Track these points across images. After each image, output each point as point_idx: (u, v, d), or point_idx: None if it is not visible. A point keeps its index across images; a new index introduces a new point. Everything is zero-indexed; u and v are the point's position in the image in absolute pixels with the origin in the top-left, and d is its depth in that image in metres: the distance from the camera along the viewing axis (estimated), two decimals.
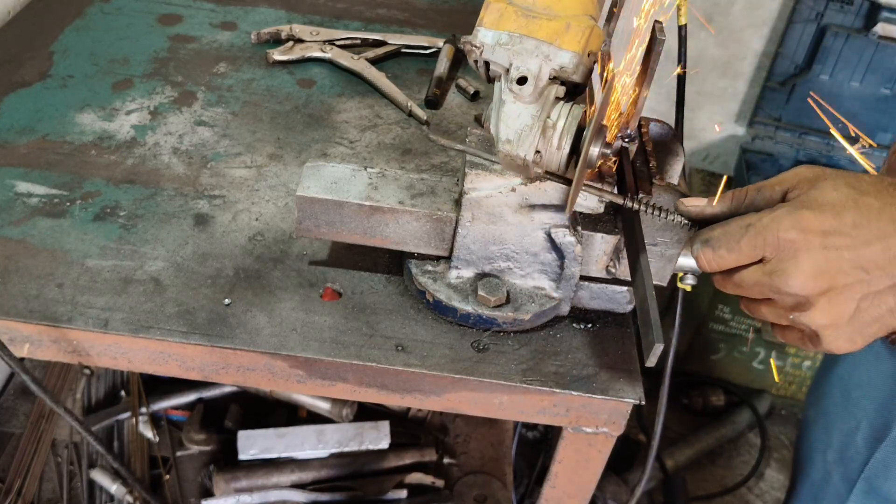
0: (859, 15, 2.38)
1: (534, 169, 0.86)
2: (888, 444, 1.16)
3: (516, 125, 0.85)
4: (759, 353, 2.65)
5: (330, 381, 0.98)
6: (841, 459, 1.25)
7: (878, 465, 1.17)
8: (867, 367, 1.21)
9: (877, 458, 1.17)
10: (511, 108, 0.85)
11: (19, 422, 1.65)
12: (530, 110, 0.84)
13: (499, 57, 0.85)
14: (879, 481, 1.18)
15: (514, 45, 0.84)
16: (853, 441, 1.22)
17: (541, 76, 0.83)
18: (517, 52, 0.84)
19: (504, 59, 0.84)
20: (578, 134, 0.85)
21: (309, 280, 1.04)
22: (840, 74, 2.45)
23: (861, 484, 1.20)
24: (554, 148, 0.85)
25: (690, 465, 2.56)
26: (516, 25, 0.84)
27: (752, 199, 0.80)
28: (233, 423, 1.68)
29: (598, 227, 0.95)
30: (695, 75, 2.65)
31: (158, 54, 1.43)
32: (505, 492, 1.67)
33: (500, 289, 0.98)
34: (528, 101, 0.84)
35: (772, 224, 0.75)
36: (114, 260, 1.03)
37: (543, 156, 0.85)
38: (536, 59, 0.83)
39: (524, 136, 0.85)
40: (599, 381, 0.96)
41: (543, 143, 0.85)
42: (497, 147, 0.87)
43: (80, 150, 1.20)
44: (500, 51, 0.84)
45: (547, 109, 0.84)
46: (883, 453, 1.16)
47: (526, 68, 0.83)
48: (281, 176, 1.20)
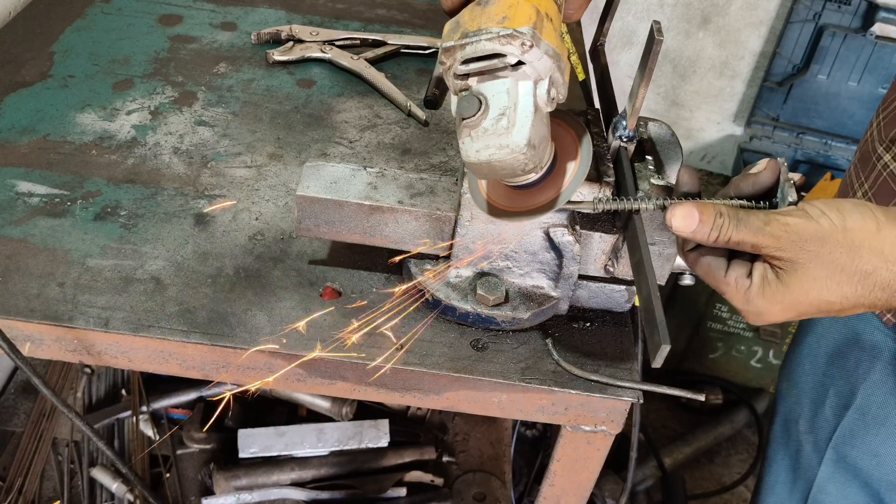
0: (857, 15, 2.38)
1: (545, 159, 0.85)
2: (854, 412, 1.17)
3: (539, 127, 0.81)
4: (757, 351, 2.65)
5: (330, 379, 0.99)
6: (811, 429, 1.26)
7: (845, 433, 1.19)
8: (834, 337, 1.22)
9: (843, 427, 1.19)
10: (533, 111, 0.80)
11: (20, 420, 1.66)
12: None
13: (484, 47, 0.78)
14: (846, 449, 1.19)
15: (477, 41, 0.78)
16: (822, 410, 1.23)
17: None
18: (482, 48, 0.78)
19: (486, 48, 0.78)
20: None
21: (309, 279, 1.05)
22: (837, 74, 2.46)
23: (830, 453, 1.21)
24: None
25: (689, 463, 2.57)
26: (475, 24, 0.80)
27: (733, 244, 0.80)
28: (233, 421, 1.69)
29: (597, 227, 0.96)
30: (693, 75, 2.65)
31: (159, 54, 1.44)
32: (504, 490, 1.68)
33: (498, 288, 0.98)
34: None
35: (751, 305, 0.79)
36: (114, 259, 1.04)
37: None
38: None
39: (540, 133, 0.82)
40: (598, 379, 0.97)
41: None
42: (515, 157, 0.80)
43: (81, 150, 1.20)
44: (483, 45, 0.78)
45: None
46: (849, 421, 1.18)
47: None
48: (281, 176, 1.20)
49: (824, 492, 1.25)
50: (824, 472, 1.23)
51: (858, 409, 1.17)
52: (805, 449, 1.28)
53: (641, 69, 0.84)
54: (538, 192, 0.88)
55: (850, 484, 1.21)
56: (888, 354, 1.12)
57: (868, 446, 1.17)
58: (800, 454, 1.30)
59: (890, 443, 1.14)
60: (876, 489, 1.17)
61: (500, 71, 0.79)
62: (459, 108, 0.80)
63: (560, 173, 0.88)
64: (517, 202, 0.89)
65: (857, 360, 1.17)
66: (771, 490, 1.39)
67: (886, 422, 1.13)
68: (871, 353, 1.14)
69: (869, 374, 1.15)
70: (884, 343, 1.13)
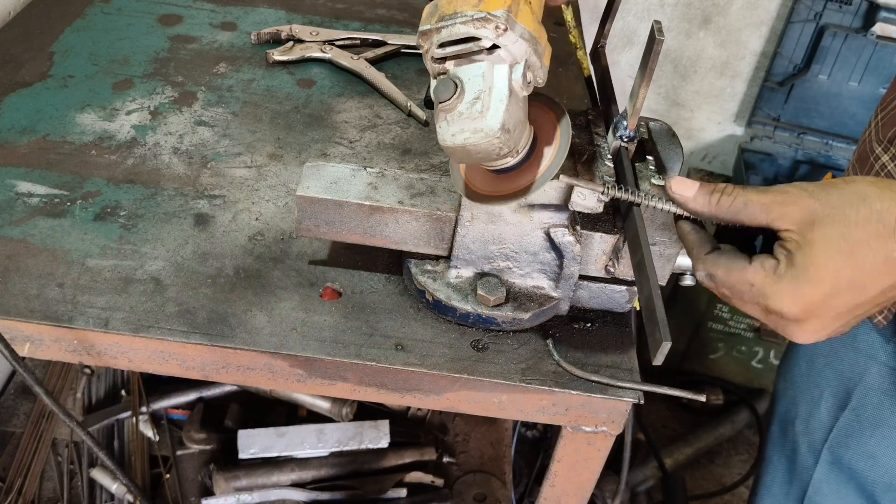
0: (858, 15, 2.38)
1: (521, 144, 0.85)
2: (849, 413, 1.17)
3: (515, 111, 0.81)
4: (758, 352, 2.65)
5: (330, 380, 0.99)
6: (806, 430, 1.26)
7: (841, 434, 1.19)
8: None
9: (839, 428, 1.19)
10: (508, 94, 0.80)
11: (20, 421, 1.65)
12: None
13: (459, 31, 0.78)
14: (842, 450, 1.19)
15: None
16: (817, 411, 1.23)
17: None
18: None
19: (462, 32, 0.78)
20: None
21: (309, 279, 1.04)
22: (838, 74, 2.46)
23: (825, 454, 1.21)
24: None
25: (689, 463, 2.57)
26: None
27: (736, 210, 0.79)
28: (233, 422, 1.69)
29: (597, 227, 0.95)
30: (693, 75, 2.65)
31: (158, 54, 1.43)
32: (504, 491, 1.68)
33: (499, 288, 0.98)
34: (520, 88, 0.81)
35: (774, 297, 0.76)
36: (114, 259, 1.03)
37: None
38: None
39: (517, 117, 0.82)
40: (598, 380, 0.97)
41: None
42: (489, 141, 0.80)
43: (81, 150, 1.20)
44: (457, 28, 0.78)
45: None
46: (844, 422, 1.18)
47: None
48: (281, 176, 1.20)
49: (820, 493, 1.25)
50: (820, 474, 1.23)
51: (853, 410, 1.17)
52: (801, 450, 1.28)
53: (642, 69, 0.84)
54: (517, 176, 0.88)
55: (845, 485, 1.21)
56: (883, 356, 1.12)
57: (863, 448, 1.16)
58: (796, 455, 1.30)
59: (885, 444, 1.13)
60: (871, 491, 1.17)
61: (476, 55, 0.79)
62: (435, 91, 0.80)
63: (539, 157, 0.88)
64: (497, 186, 0.89)
65: (852, 362, 1.17)
66: (768, 491, 1.39)
67: (881, 423, 1.13)
68: (866, 354, 1.14)
69: (864, 375, 1.15)
70: (878, 344, 1.12)
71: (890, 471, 1.14)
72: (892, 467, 1.13)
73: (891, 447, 1.13)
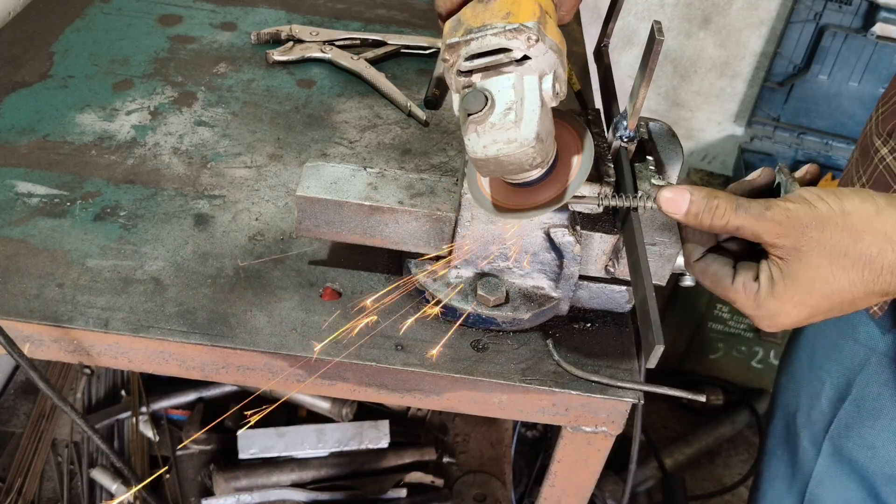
0: (858, 15, 2.38)
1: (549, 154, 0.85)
2: (849, 405, 1.17)
3: (545, 121, 0.81)
4: (758, 352, 2.65)
5: (330, 380, 0.99)
6: (808, 422, 1.26)
7: (841, 425, 1.19)
8: (830, 329, 1.23)
9: (839, 419, 1.19)
10: (540, 105, 0.80)
11: (20, 421, 1.65)
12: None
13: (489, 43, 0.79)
14: (843, 442, 1.19)
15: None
16: (818, 403, 1.23)
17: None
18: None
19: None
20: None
21: (309, 280, 1.04)
22: (838, 74, 2.46)
23: (826, 446, 1.21)
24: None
25: (689, 464, 2.57)
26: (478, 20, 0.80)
27: (729, 231, 0.80)
28: (233, 422, 1.69)
29: (597, 227, 0.95)
30: (693, 75, 2.65)
31: (158, 55, 1.43)
32: (504, 491, 1.68)
33: (499, 288, 0.98)
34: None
35: (755, 319, 0.81)
36: (114, 260, 1.03)
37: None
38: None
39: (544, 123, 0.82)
40: (598, 380, 0.97)
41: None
42: (524, 151, 0.80)
43: (81, 151, 1.20)
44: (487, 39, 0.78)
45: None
46: (845, 414, 1.18)
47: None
48: (281, 176, 1.20)
49: (821, 485, 1.25)
50: (821, 466, 1.24)
51: (854, 401, 1.17)
52: (802, 442, 1.28)
53: (642, 69, 0.84)
54: (540, 190, 0.88)
55: (846, 477, 1.21)
56: (882, 346, 1.12)
57: (864, 439, 1.17)
58: (797, 448, 1.30)
59: (885, 435, 1.14)
60: (872, 482, 1.17)
61: (505, 66, 0.79)
62: (465, 104, 0.80)
63: (562, 170, 0.88)
64: (518, 201, 0.89)
65: (852, 353, 1.17)
66: (770, 484, 1.39)
67: (881, 414, 1.13)
68: (866, 345, 1.15)
69: (864, 366, 1.15)
70: (878, 336, 1.13)
71: (890, 461, 1.14)
72: (892, 458, 1.13)
73: (891, 438, 1.13)
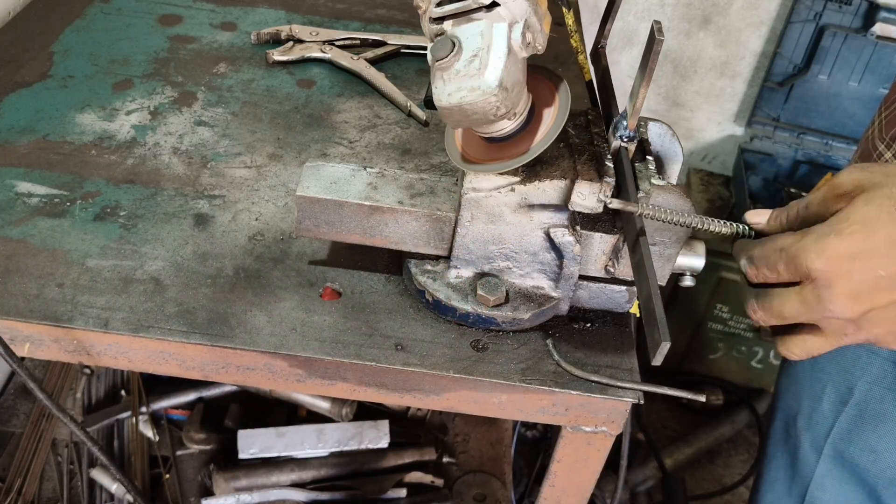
0: (857, 15, 2.38)
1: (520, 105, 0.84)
2: (851, 408, 1.17)
3: (513, 70, 0.80)
4: (758, 352, 2.65)
5: (330, 380, 0.99)
6: (809, 425, 1.26)
7: (843, 429, 1.19)
8: None
9: (841, 423, 1.18)
10: (506, 53, 0.79)
11: (20, 421, 1.65)
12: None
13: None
14: (844, 446, 1.19)
15: None
16: (819, 406, 1.23)
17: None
18: None
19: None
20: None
21: (309, 280, 1.04)
22: (838, 74, 2.46)
23: (828, 449, 1.21)
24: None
25: (689, 464, 2.57)
26: None
27: (802, 218, 0.79)
28: (233, 422, 1.69)
29: (597, 227, 0.95)
30: (693, 75, 2.65)
31: (158, 55, 1.43)
32: (504, 491, 1.68)
33: (499, 288, 0.98)
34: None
35: (800, 254, 0.74)
36: (114, 260, 1.03)
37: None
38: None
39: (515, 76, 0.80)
40: (598, 380, 0.97)
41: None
42: (486, 99, 0.79)
43: (81, 151, 1.20)
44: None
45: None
46: (847, 417, 1.17)
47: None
48: (281, 176, 1.20)
49: (822, 489, 1.25)
50: (822, 469, 1.23)
51: (856, 405, 1.16)
52: (803, 446, 1.28)
53: (642, 69, 0.84)
54: (513, 145, 0.87)
55: (847, 481, 1.21)
56: (885, 350, 1.12)
57: (866, 443, 1.16)
58: (798, 451, 1.30)
59: (888, 439, 1.13)
60: (873, 486, 1.17)
61: (475, 13, 0.79)
62: (433, 50, 0.80)
63: (536, 125, 0.87)
64: (492, 156, 0.89)
65: (854, 356, 1.17)
66: (770, 487, 1.39)
67: (884, 418, 1.13)
68: (869, 348, 1.14)
69: (867, 369, 1.15)
70: None
71: (892, 466, 1.14)
72: (894, 462, 1.13)
73: (893, 442, 1.13)
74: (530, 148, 0.87)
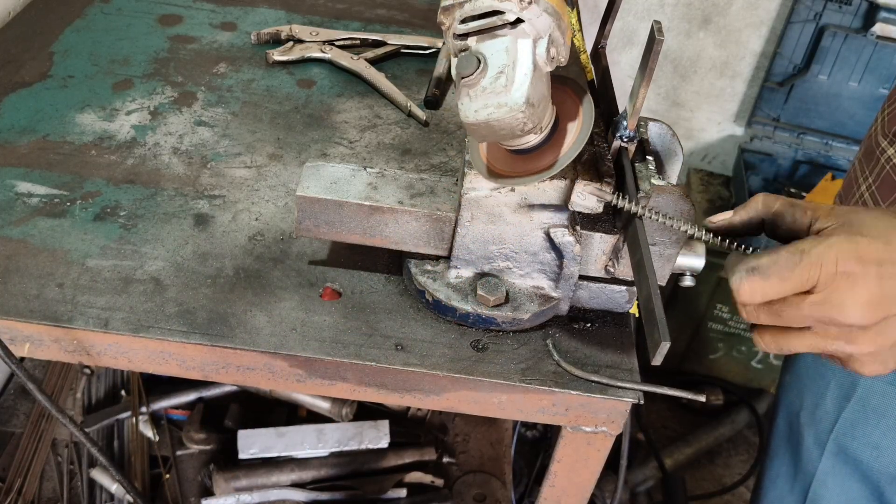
0: (857, 15, 2.38)
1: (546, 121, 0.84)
2: (855, 403, 1.16)
3: (538, 86, 0.80)
4: (758, 352, 2.65)
5: (330, 380, 0.99)
6: (812, 421, 1.26)
7: (846, 424, 1.18)
8: None
9: (844, 418, 1.18)
10: (532, 69, 0.79)
11: (20, 421, 1.65)
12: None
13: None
14: (847, 441, 1.19)
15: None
16: (822, 402, 1.23)
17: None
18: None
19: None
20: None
21: (309, 280, 1.04)
22: (838, 74, 2.46)
23: (831, 445, 1.21)
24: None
25: (689, 464, 2.57)
26: None
27: (781, 210, 0.79)
28: (233, 422, 1.69)
29: (597, 227, 0.95)
30: (693, 75, 2.65)
31: (158, 55, 1.43)
32: (504, 491, 1.68)
33: (499, 288, 0.98)
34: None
35: (828, 252, 0.71)
36: (114, 260, 1.03)
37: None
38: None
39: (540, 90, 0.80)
40: (598, 380, 0.97)
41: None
42: (513, 116, 0.79)
43: (81, 151, 1.20)
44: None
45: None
46: (850, 412, 1.17)
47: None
48: (281, 176, 1.20)
49: (825, 485, 1.25)
50: (825, 465, 1.23)
51: (859, 400, 1.16)
52: (806, 442, 1.28)
53: (642, 69, 0.84)
54: (539, 157, 0.87)
55: (850, 477, 1.21)
56: None
57: (869, 438, 1.16)
58: (801, 447, 1.30)
59: (891, 435, 1.13)
60: (876, 481, 1.17)
61: (499, 29, 0.79)
62: (458, 67, 0.79)
63: (561, 137, 0.88)
64: (517, 168, 0.89)
65: None
66: (773, 484, 1.39)
67: (887, 413, 1.13)
68: None
69: None
70: None
71: (895, 461, 1.14)
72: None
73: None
74: (557, 159, 0.87)
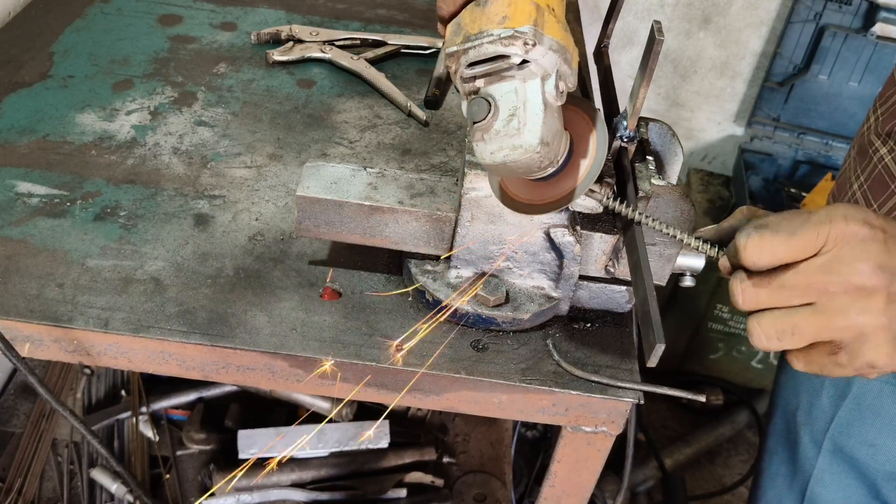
0: (858, 15, 2.38)
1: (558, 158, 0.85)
2: (850, 402, 1.17)
3: (551, 123, 0.80)
4: (758, 352, 2.65)
5: (330, 380, 0.99)
6: (808, 420, 1.26)
7: (842, 423, 1.19)
8: None
9: (840, 417, 1.19)
10: (543, 108, 0.79)
11: (20, 421, 1.65)
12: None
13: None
14: (843, 439, 1.19)
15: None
16: (818, 401, 1.23)
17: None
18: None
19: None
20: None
21: (309, 280, 1.04)
22: (838, 74, 2.46)
23: (827, 444, 1.21)
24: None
25: (689, 464, 2.57)
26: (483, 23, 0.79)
27: (764, 215, 0.79)
28: (233, 422, 1.69)
29: (597, 227, 0.95)
30: (693, 75, 2.65)
31: (158, 55, 1.43)
32: (504, 491, 1.68)
33: (499, 288, 0.98)
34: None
35: (836, 211, 0.70)
36: (114, 260, 1.03)
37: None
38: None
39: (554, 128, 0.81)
40: (598, 380, 0.97)
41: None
42: (529, 157, 0.80)
43: (81, 151, 1.20)
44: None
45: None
46: (845, 411, 1.18)
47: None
48: (281, 176, 1.20)
49: (822, 484, 1.25)
50: (822, 464, 1.24)
51: (854, 399, 1.17)
52: (803, 440, 1.28)
53: (642, 69, 0.84)
54: (558, 182, 0.87)
55: (847, 475, 1.21)
56: None
57: (864, 436, 1.17)
58: (798, 446, 1.30)
59: (886, 433, 1.14)
60: (872, 479, 1.17)
61: (506, 71, 0.79)
62: (470, 112, 0.80)
63: (578, 160, 0.88)
64: (536, 194, 0.89)
65: None
66: (771, 483, 1.39)
67: (882, 411, 1.13)
68: None
69: None
70: None
71: (891, 459, 1.14)
72: (893, 455, 1.13)
73: (891, 435, 1.13)
74: (575, 185, 0.86)
